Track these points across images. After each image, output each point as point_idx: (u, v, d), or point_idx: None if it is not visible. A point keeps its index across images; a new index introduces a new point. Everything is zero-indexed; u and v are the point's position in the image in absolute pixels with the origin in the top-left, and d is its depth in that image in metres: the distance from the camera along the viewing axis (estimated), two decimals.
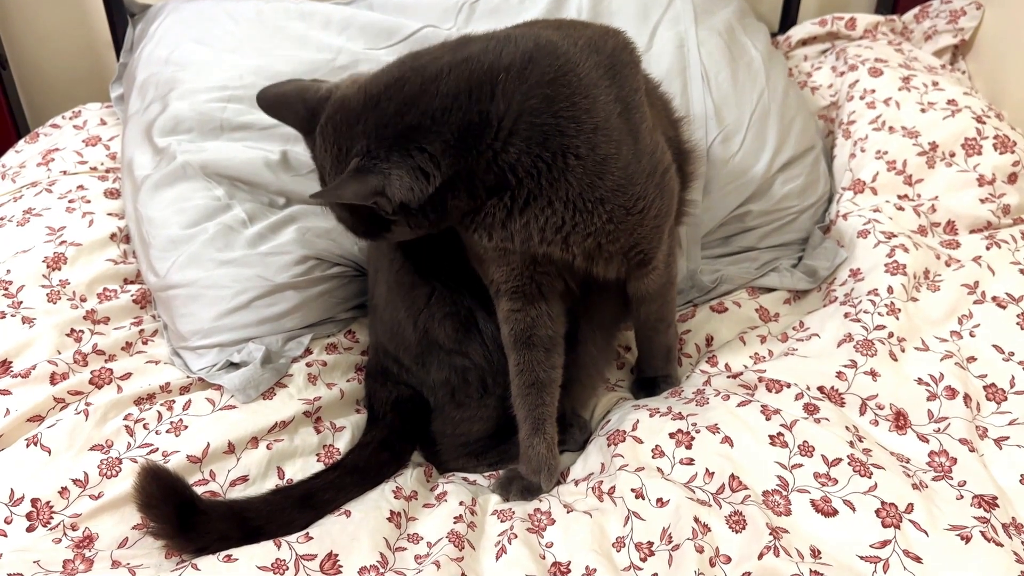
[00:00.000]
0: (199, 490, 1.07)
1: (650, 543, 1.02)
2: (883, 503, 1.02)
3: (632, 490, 1.07)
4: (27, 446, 1.06)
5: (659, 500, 1.05)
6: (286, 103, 1.03)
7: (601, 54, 0.99)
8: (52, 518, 1.02)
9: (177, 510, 1.00)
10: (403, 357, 1.23)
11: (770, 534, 0.98)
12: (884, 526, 1.00)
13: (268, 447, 1.14)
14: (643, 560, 1.00)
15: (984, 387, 1.20)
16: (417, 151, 0.92)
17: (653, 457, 1.13)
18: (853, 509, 1.02)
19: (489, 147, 0.94)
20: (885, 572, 0.96)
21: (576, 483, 1.17)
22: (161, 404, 1.15)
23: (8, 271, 1.25)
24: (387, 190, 0.92)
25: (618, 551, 1.02)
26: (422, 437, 1.25)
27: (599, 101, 0.96)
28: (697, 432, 1.13)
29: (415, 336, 1.20)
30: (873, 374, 1.20)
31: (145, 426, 1.12)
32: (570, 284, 1.14)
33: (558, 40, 0.97)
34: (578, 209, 0.99)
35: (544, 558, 1.03)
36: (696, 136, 1.50)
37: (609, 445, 1.18)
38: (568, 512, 1.09)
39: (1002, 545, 0.98)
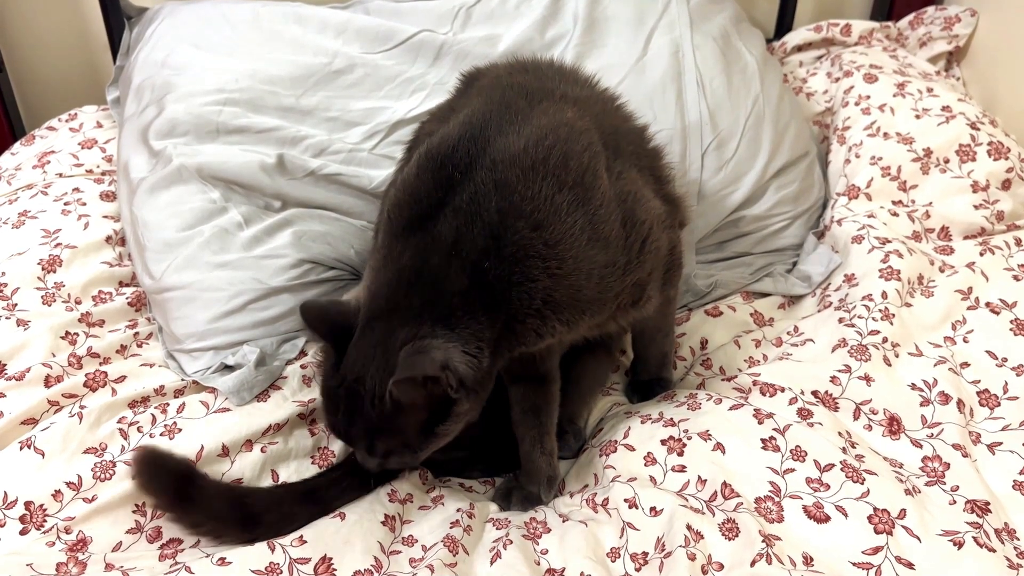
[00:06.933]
0: None
1: (645, 553, 1.02)
2: (875, 509, 1.02)
3: (625, 500, 1.07)
4: (21, 449, 1.06)
5: (653, 509, 1.05)
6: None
7: (564, 188, 0.97)
8: (45, 521, 1.02)
9: (175, 480, 1.02)
10: None
11: (763, 541, 0.98)
12: (876, 532, 1.00)
13: (262, 450, 1.14)
14: (637, 570, 1.00)
15: (977, 393, 1.21)
16: (459, 325, 0.94)
17: (645, 465, 1.13)
18: (845, 515, 1.02)
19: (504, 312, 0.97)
20: None
21: (571, 495, 1.17)
22: (155, 407, 1.15)
23: (3, 273, 1.25)
24: (451, 363, 0.92)
25: (613, 561, 1.02)
26: None
27: (572, 249, 0.97)
28: (689, 439, 1.13)
29: None
30: (867, 379, 1.20)
31: (139, 429, 1.12)
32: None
33: (521, 203, 0.96)
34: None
35: (539, 564, 1.03)
36: (691, 143, 1.50)
37: (601, 456, 1.18)
38: (564, 521, 1.09)
39: (995, 551, 0.98)
